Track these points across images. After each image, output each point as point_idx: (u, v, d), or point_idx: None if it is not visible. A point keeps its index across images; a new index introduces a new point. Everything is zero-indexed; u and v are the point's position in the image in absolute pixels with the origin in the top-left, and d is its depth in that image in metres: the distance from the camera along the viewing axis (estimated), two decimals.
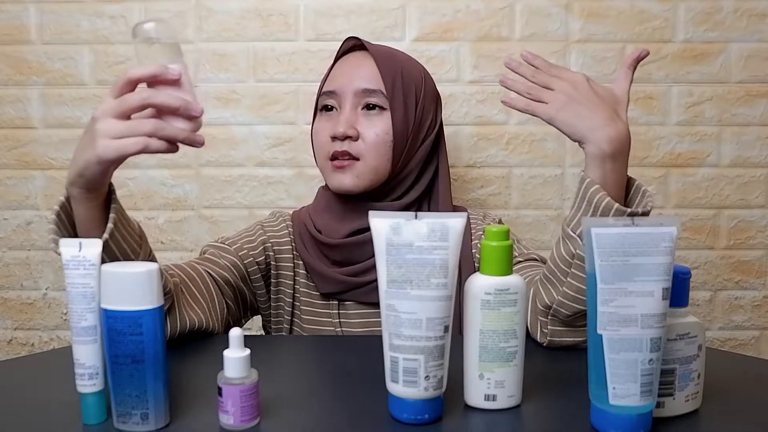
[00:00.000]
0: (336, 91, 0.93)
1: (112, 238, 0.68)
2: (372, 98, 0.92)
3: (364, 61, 0.94)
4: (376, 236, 0.60)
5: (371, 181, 0.92)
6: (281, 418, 0.61)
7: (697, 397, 0.61)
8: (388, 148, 0.92)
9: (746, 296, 1.32)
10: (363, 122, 0.92)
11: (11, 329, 1.34)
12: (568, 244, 0.75)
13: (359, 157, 0.91)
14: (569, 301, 0.75)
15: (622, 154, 0.74)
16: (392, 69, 0.93)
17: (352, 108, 0.92)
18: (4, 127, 1.30)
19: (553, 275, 0.77)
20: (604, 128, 0.73)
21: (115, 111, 0.63)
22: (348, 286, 0.92)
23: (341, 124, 0.91)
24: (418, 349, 0.58)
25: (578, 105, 0.74)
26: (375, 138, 0.91)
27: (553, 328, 0.79)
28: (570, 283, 0.75)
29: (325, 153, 0.93)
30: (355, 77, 0.93)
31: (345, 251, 0.93)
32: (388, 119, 0.92)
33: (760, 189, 1.30)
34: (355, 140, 0.91)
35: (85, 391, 0.59)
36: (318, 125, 0.96)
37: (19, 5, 1.27)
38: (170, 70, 0.64)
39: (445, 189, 0.98)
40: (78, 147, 0.67)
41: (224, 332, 0.88)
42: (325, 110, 0.95)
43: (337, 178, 0.92)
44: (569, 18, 1.27)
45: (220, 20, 1.27)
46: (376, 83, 0.92)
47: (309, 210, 1.00)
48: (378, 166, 0.92)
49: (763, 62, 1.28)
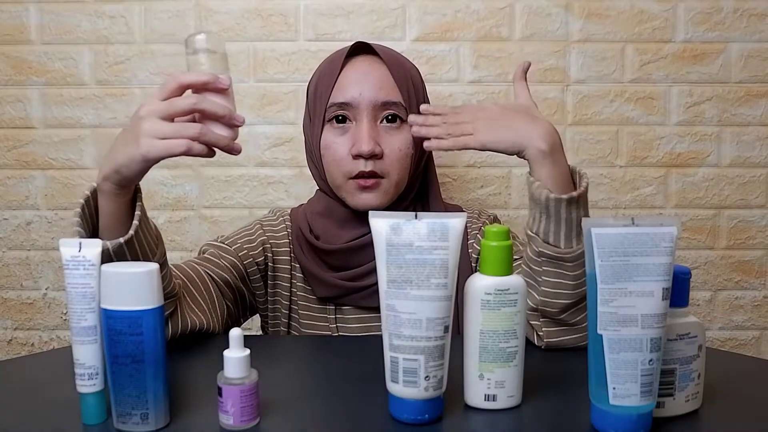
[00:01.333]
0: (351, 102, 0.88)
1: (135, 236, 0.69)
2: (392, 110, 0.89)
3: (375, 67, 0.90)
4: (376, 237, 0.60)
5: (394, 195, 0.91)
6: (281, 418, 0.61)
7: (697, 397, 0.61)
8: (409, 161, 0.91)
9: (746, 296, 1.32)
10: (384, 137, 0.89)
11: (11, 329, 1.34)
12: (532, 245, 0.78)
13: (384, 175, 0.89)
14: (551, 298, 0.77)
15: (558, 148, 0.78)
16: (405, 76, 0.91)
17: (371, 122, 0.88)
18: (4, 127, 1.30)
19: (530, 277, 0.79)
20: (533, 131, 0.77)
21: (162, 113, 0.65)
22: (345, 291, 0.91)
23: (365, 143, 0.86)
24: (418, 349, 0.58)
25: (499, 122, 0.79)
26: (399, 154, 0.89)
27: (547, 329, 0.79)
28: (545, 280, 0.77)
29: (344, 171, 0.89)
30: (371, 87, 0.88)
31: (343, 256, 0.92)
32: (407, 132, 0.89)
33: (760, 189, 1.30)
34: (380, 158, 0.88)
35: (85, 391, 0.59)
36: (330, 138, 0.90)
37: (19, 5, 1.27)
38: (220, 79, 0.67)
39: (436, 187, 0.98)
40: (117, 143, 0.68)
41: (224, 332, 0.88)
42: (337, 122, 0.90)
43: (363, 198, 0.89)
44: (569, 18, 1.27)
45: (220, 20, 1.27)
46: (394, 94, 0.89)
47: (305, 211, 0.97)
48: (400, 180, 0.91)
49: (763, 62, 1.28)
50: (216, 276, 0.89)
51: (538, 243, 0.77)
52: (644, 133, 1.29)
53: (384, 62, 0.90)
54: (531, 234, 0.78)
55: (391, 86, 0.89)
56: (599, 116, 1.29)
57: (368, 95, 0.88)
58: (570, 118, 1.28)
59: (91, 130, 1.29)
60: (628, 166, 1.30)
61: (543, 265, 0.77)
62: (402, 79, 0.90)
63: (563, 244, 0.75)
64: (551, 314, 0.77)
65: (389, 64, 0.90)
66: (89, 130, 1.29)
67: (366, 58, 0.91)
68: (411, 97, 0.90)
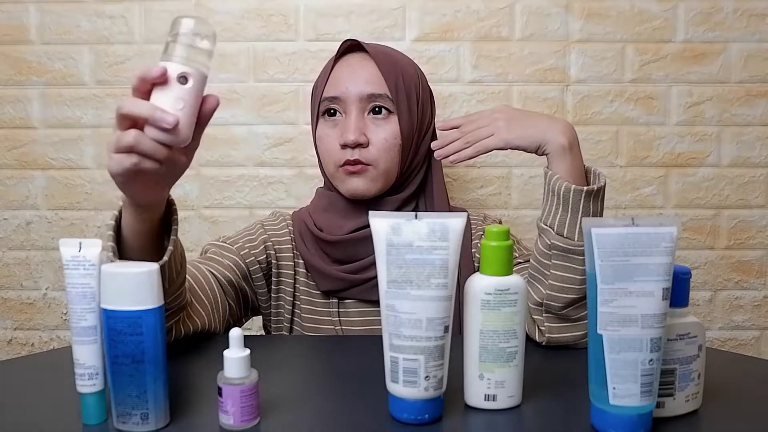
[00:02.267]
0: (340, 96, 0.92)
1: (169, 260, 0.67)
2: (378, 102, 0.92)
3: (364, 63, 0.93)
4: (376, 236, 0.60)
5: (383, 184, 0.93)
6: (281, 418, 0.61)
7: (697, 397, 0.61)
8: (397, 151, 0.92)
9: (746, 296, 1.32)
10: (371, 128, 0.92)
11: (11, 329, 1.34)
12: (544, 238, 0.80)
13: (370, 164, 0.91)
14: (557, 292, 0.78)
15: (576, 144, 0.81)
16: (393, 70, 0.93)
17: (358, 113, 0.92)
18: (4, 127, 1.30)
19: (538, 271, 0.81)
20: (553, 127, 0.81)
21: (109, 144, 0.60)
22: (348, 284, 0.92)
23: (351, 132, 0.90)
24: (418, 349, 0.58)
25: (519, 121, 0.83)
26: (385, 143, 0.91)
27: (549, 324, 0.80)
28: (554, 274, 0.79)
29: (334, 161, 0.92)
30: (358, 81, 0.92)
31: (346, 248, 0.93)
32: (395, 123, 0.92)
33: (760, 189, 1.30)
34: (366, 147, 0.91)
35: (85, 391, 0.59)
36: (323, 131, 0.95)
37: (19, 5, 1.27)
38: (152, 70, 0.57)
39: (440, 184, 0.98)
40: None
41: (225, 332, 0.88)
42: (329, 115, 0.94)
43: (351, 182, 0.92)
44: (569, 18, 1.27)
45: (220, 20, 1.27)
46: (380, 87, 0.92)
47: (309, 210, 1.00)
48: (389, 169, 0.93)
49: (763, 62, 1.28)
50: (219, 274, 0.89)
51: (551, 236, 0.78)
52: (644, 133, 1.29)
53: (372, 58, 0.93)
54: (544, 227, 0.80)
55: (378, 80, 0.92)
56: (599, 116, 1.29)
57: (355, 89, 0.92)
58: (570, 118, 1.28)
59: (91, 130, 1.29)
60: (628, 166, 1.30)
61: (553, 259, 0.78)
62: (389, 72, 0.92)
63: (577, 237, 0.77)
64: (555, 309, 0.79)
65: (377, 59, 0.93)
66: (89, 130, 1.29)
67: (356, 56, 0.95)
68: (399, 90, 0.92)
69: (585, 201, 0.77)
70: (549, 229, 0.79)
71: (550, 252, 0.79)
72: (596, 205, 0.78)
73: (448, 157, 0.84)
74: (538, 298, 0.80)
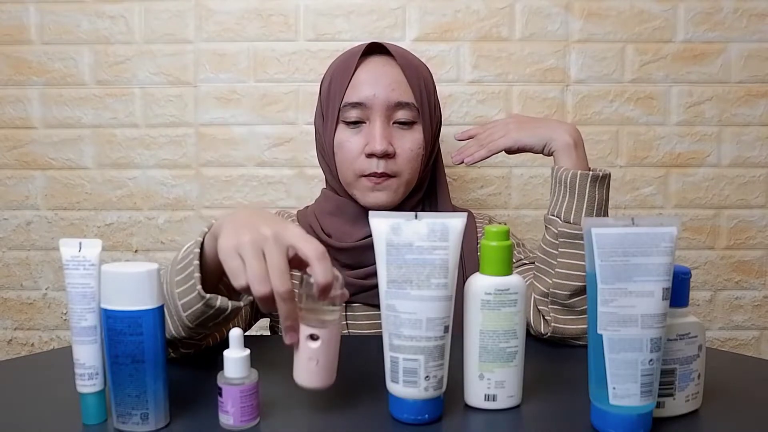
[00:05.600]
0: (365, 102, 0.89)
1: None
2: (405, 111, 0.90)
3: (389, 68, 0.90)
4: (376, 237, 0.60)
5: (404, 194, 0.93)
6: (281, 418, 0.61)
7: (697, 397, 0.61)
8: (419, 161, 0.92)
9: (746, 296, 1.32)
10: (397, 137, 0.90)
11: (11, 329, 1.34)
12: (551, 228, 0.84)
13: (395, 175, 0.90)
14: (563, 280, 0.81)
15: (581, 144, 0.87)
16: (417, 77, 0.91)
17: (384, 122, 0.89)
18: (4, 127, 1.30)
19: (544, 263, 0.84)
20: (560, 127, 0.87)
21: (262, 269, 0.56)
22: (356, 289, 0.92)
23: (379, 142, 0.88)
24: (418, 349, 0.58)
25: (528, 123, 0.90)
26: (410, 154, 0.90)
27: (555, 315, 0.81)
28: (561, 262, 0.81)
29: (356, 169, 0.90)
30: (385, 88, 0.89)
31: (355, 254, 0.92)
32: (418, 132, 0.91)
33: (760, 189, 1.30)
34: (392, 157, 0.89)
35: (85, 391, 0.59)
36: (344, 136, 0.91)
37: (19, 5, 1.27)
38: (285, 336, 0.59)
39: (444, 186, 0.98)
40: (235, 220, 0.60)
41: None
42: (351, 120, 0.90)
43: (374, 196, 0.90)
44: (569, 18, 1.27)
45: (220, 20, 1.27)
46: (407, 95, 0.90)
47: (314, 212, 0.98)
48: (411, 179, 0.92)
49: (763, 62, 1.28)
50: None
51: (558, 224, 0.82)
52: (644, 133, 1.29)
53: (397, 63, 0.91)
54: (551, 217, 0.84)
55: (404, 87, 0.90)
56: (599, 116, 1.29)
57: (382, 96, 0.89)
58: (570, 118, 1.28)
59: (91, 130, 1.29)
60: (628, 166, 1.30)
61: (560, 247, 0.81)
62: (414, 79, 0.91)
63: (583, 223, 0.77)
64: (562, 297, 0.80)
65: (402, 64, 0.91)
66: (89, 130, 1.29)
67: (380, 58, 0.92)
68: (423, 98, 0.91)
69: (591, 186, 0.81)
70: (556, 218, 0.83)
71: (557, 241, 0.81)
72: (602, 192, 0.82)
73: (463, 161, 0.92)
74: (544, 289, 0.82)
